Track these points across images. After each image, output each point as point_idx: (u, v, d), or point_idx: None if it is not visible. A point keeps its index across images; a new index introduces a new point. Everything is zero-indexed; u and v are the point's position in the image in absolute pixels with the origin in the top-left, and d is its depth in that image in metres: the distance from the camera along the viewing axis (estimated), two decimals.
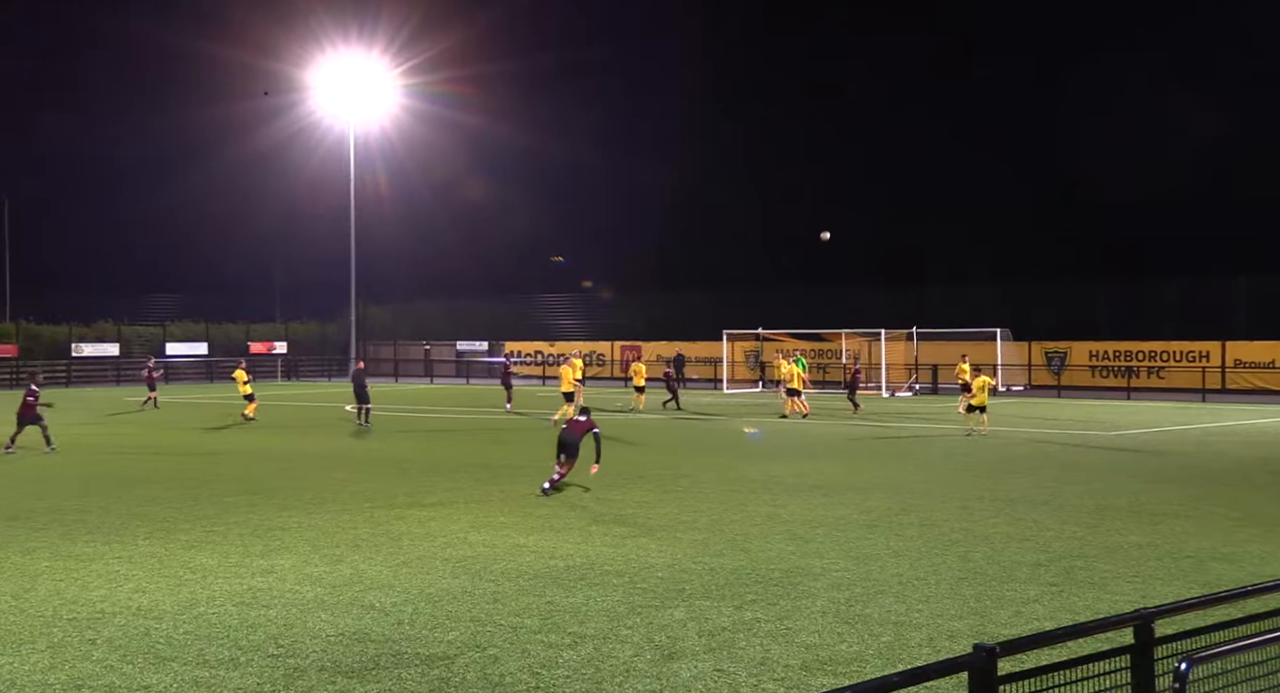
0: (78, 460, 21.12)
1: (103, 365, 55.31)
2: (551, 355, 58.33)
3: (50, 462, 20.91)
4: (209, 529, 13.19)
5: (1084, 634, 4.86)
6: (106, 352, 55.99)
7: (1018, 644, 4.49)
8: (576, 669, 7.83)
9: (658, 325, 56.49)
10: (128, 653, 8.20)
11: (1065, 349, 46.04)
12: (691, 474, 18.37)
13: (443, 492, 16.39)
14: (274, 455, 21.78)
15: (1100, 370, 45.16)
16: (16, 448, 22.21)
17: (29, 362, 53.08)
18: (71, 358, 54.51)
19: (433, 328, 63.90)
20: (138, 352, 56.64)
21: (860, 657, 8.12)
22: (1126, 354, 44.70)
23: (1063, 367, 45.65)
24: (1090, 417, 31.68)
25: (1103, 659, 4.72)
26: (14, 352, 53.22)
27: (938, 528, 13.20)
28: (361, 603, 9.63)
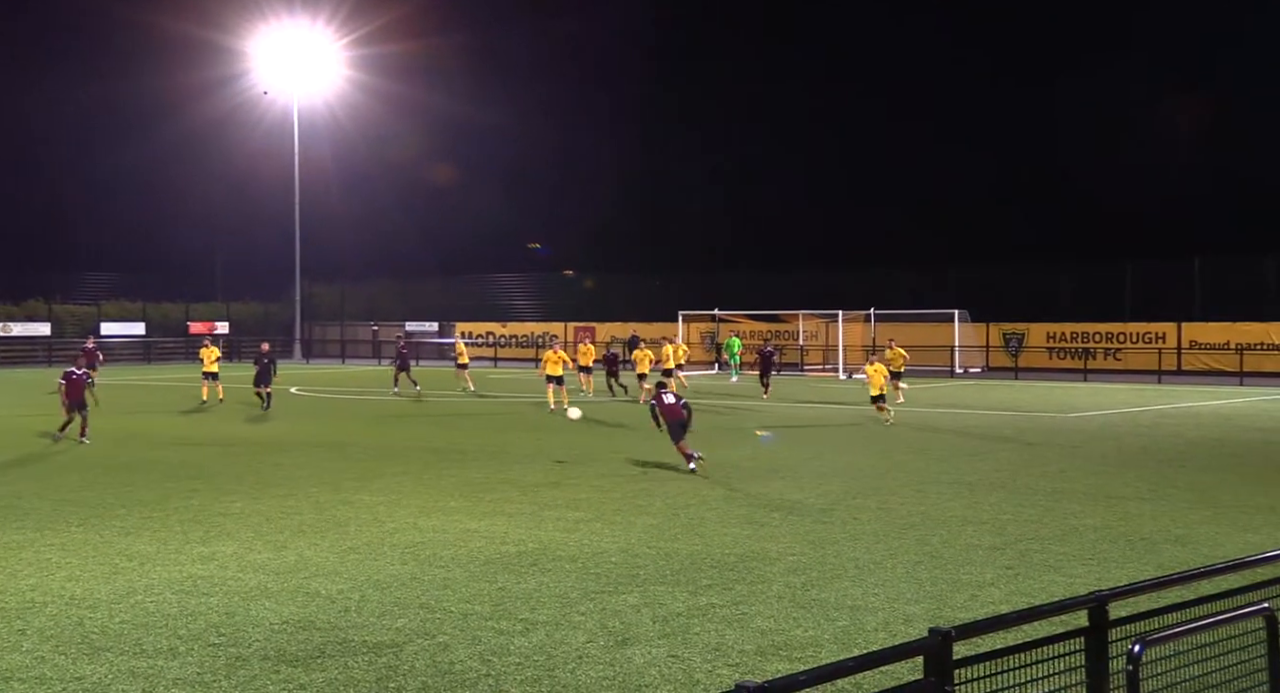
0: (6, 445, 20.71)
1: (33, 346, 54.22)
2: (504, 337, 58.10)
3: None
4: (146, 516, 13.00)
5: (1039, 617, 4.93)
6: (38, 332, 54.87)
7: (973, 628, 4.54)
8: (528, 656, 7.82)
9: (612, 306, 56.44)
10: (60, 643, 8.07)
11: (1023, 331, 46.64)
12: (644, 459, 18.39)
13: (390, 477, 16.28)
14: (214, 440, 21.51)
15: (1058, 352, 45.82)
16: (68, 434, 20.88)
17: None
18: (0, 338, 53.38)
19: (382, 309, 63.34)
20: (70, 332, 55.54)
21: (816, 641, 8.19)
22: (1084, 336, 45.38)
23: (1020, 348, 46.26)
24: (1047, 399, 32.16)
25: (1058, 642, 4.79)
26: None
27: (895, 512, 13.34)
28: (306, 590, 9.55)
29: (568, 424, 21.96)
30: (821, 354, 47.93)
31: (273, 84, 58.48)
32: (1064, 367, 44.51)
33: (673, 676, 7.46)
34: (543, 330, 57.65)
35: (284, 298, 63.44)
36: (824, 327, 47.74)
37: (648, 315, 53.01)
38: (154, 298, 61.16)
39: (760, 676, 7.43)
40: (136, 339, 58.23)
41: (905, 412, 27.86)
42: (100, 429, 23.43)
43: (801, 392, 33.42)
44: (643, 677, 7.43)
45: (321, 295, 64.95)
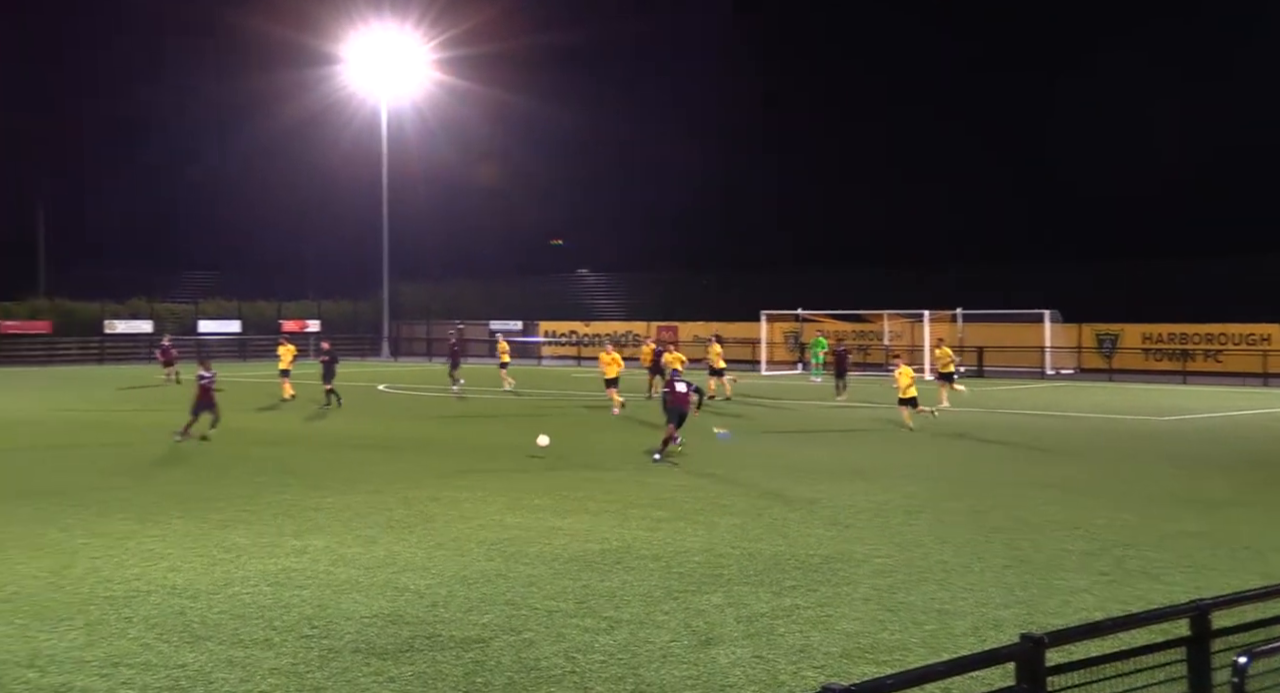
0: (110, 438, 21.46)
1: (136, 343, 56.03)
2: (587, 336, 58.41)
3: (83, 440, 21.25)
4: (242, 509, 13.36)
5: (1137, 625, 4.82)
6: (139, 329, 56.71)
7: (1067, 635, 4.46)
8: (613, 654, 7.87)
9: (695, 305, 56.39)
10: (163, 631, 8.34)
11: (1117, 332, 45.45)
12: (728, 459, 18.35)
13: (475, 473, 16.49)
14: (305, 436, 22.01)
15: (1154, 354, 44.55)
16: (191, 436, 20.68)
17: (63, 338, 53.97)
18: (104, 335, 55.27)
19: (466, 307, 64.15)
20: (171, 329, 57.36)
21: (903, 645, 8.10)
22: (1182, 337, 44.05)
23: (1114, 350, 45.09)
24: (1143, 402, 31.30)
25: (1157, 652, 4.68)
26: (48, 328, 54.07)
27: (983, 515, 13.11)
28: (395, 585, 9.73)
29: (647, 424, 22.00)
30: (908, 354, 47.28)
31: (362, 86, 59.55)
32: (1161, 369, 43.23)
33: (757, 677, 7.44)
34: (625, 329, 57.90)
35: (372, 296, 64.63)
36: (909, 326, 47.09)
37: (731, 315, 52.88)
38: (248, 296, 62.81)
39: (846, 678, 7.36)
40: (232, 336, 59.85)
41: (992, 413, 27.36)
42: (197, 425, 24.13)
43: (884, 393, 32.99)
44: (727, 677, 7.43)
45: (408, 294, 66.02)
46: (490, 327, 61.88)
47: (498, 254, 68.16)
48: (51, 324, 54.31)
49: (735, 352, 50.25)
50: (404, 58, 58.39)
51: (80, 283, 58.40)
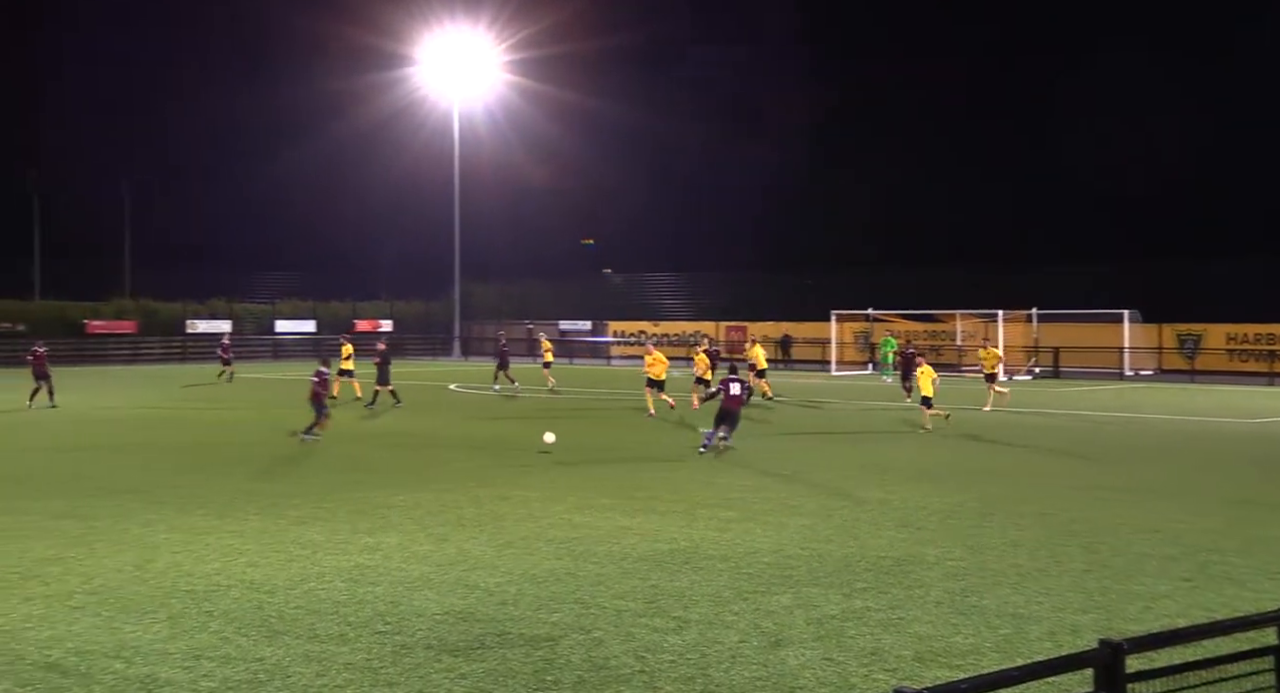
0: (189, 436, 21.99)
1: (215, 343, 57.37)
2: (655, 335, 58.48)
3: (163, 437, 21.80)
4: (317, 506, 13.60)
5: (1222, 633, 4.69)
6: (219, 328, 58.03)
7: (1148, 641, 4.36)
8: (682, 654, 7.86)
9: (765, 305, 56.16)
10: (242, 625, 8.53)
11: (1200, 332, 44.29)
12: (797, 459, 18.24)
13: (544, 472, 16.60)
14: (376, 434, 22.34)
15: (1239, 354, 43.31)
16: (319, 435, 20.44)
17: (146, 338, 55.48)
18: (186, 335, 56.67)
19: (536, 307, 64.60)
20: (249, 329, 58.66)
21: (977, 649, 7.98)
22: (1269, 337, 42.76)
23: (1197, 350, 43.94)
24: (1227, 403, 30.45)
25: (1243, 660, 4.55)
26: (133, 328, 55.61)
27: (1057, 518, 12.87)
28: (466, 582, 9.83)
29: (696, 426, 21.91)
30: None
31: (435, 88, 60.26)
32: (1246, 370, 42.02)
33: (828, 679, 7.39)
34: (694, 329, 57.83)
35: (444, 297, 65.37)
36: (983, 327, 46.35)
37: (801, 315, 52.56)
38: (323, 296, 63.96)
39: (919, 682, 7.28)
40: (307, 336, 61.00)
41: (1068, 414, 26.83)
42: (269, 421, 24.63)
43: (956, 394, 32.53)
44: (797, 679, 7.38)
45: (479, 294, 66.66)
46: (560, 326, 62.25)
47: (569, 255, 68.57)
48: (136, 324, 55.84)
49: (806, 352, 50.03)
50: (476, 60, 58.94)
51: (163, 283, 59.99)
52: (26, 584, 9.71)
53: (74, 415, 26.38)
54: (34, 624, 8.53)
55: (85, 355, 51.97)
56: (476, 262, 65.27)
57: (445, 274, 63.68)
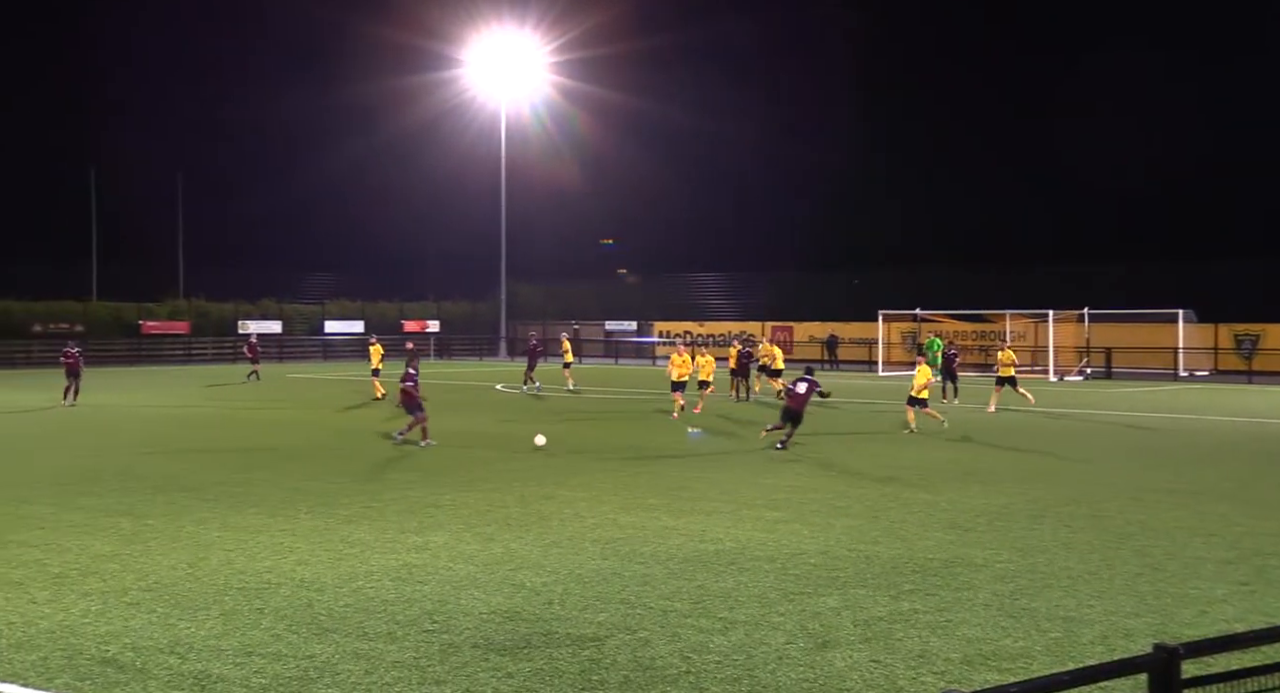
0: (240, 435, 22.31)
1: (266, 342, 58.13)
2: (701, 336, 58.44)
3: (216, 435, 22.13)
4: (366, 505, 13.75)
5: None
6: (270, 329, 58.83)
7: (1204, 646, 4.29)
8: (728, 655, 7.85)
9: (811, 305, 55.90)
10: (293, 623, 8.64)
11: (1258, 332, 43.43)
12: (843, 460, 18.15)
13: (590, 473, 16.65)
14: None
15: None
16: (416, 441, 19.85)
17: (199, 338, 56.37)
18: (238, 335, 57.48)
19: (582, 308, 64.77)
20: (299, 330, 59.38)
21: (1027, 653, 7.90)
22: None
23: (1254, 351, 43.09)
24: None
25: None
26: (186, 329, 56.53)
27: (1110, 520, 12.69)
28: (512, 582, 9.89)
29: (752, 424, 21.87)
30: (1030, 355, 46.05)
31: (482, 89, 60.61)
32: None
33: (875, 681, 7.34)
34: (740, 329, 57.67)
35: (490, 297, 65.75)
36: (1033, 327, 45.81)
37: (847, 315, 52.26)
38: (371, 297, 64.56)
39: (968, 686, 7.22)
40: (356, 336, 61.64)
41: (1121, 415, 26.44)
42: (318, 421, 24.93)
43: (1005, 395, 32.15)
44: (844, 681, 7.35)
45: (525, 295, 66.95)
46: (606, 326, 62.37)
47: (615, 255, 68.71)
48: (189, 324, 56.75)
49: (852, 352, 49.74)
50: (523, 61, 59.19)
51: (215, 284, 60.89)
52: (85, 580, 9.92)
53: (128, 415, 26.87)
54: (92, 619, 8.70)
55: (140, 356, 52.94)
56: (522, 262, 65.62)
57: (491, 275, 64.06)
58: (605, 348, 59.62)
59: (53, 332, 50.78)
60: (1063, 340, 43.46)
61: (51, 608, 9.00)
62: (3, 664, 7.67)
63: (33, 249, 60.77)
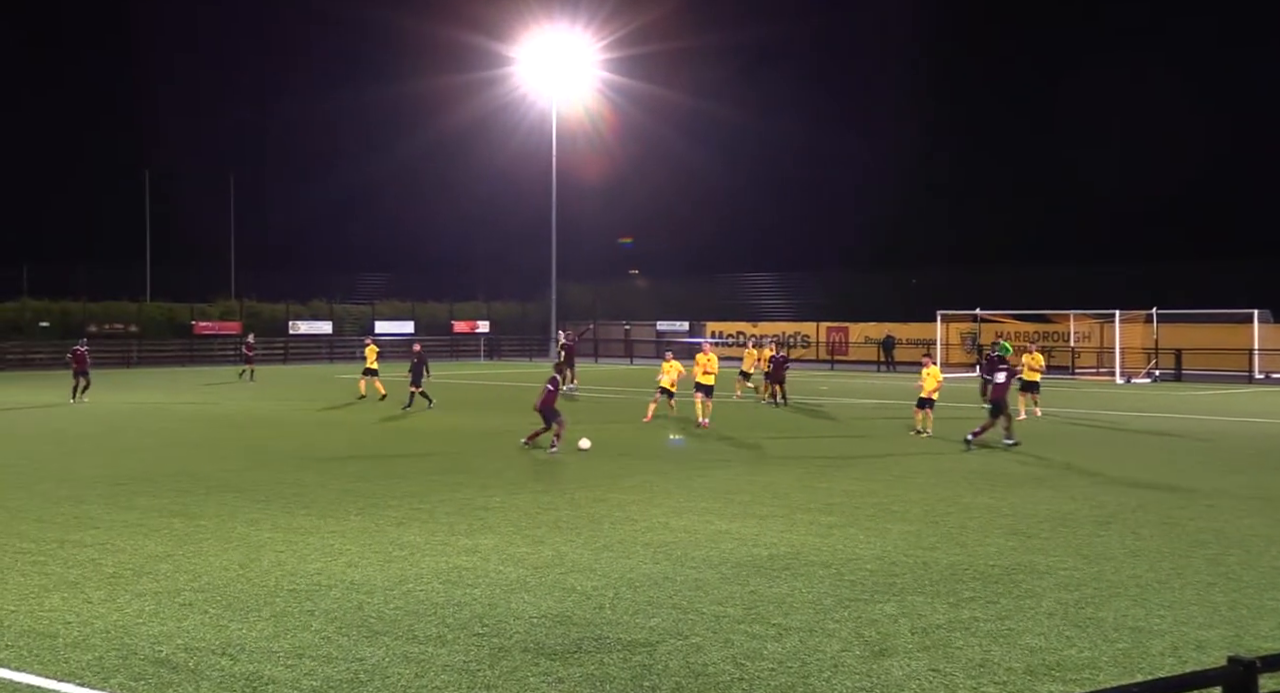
0: (289, 435, 22.61)
1: (317, 343, 58.89)
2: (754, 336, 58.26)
3: (267, 435, 22.44)
4: (415, 507, 13.86)
5: None
6: (320, 330, 59.59)
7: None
8: (782, 662, 7.81)
9: (866, 305, 55.49)
10: (343, 625, 8.72)
11: None
12: (901, 462, 17.98)
13: (642, 475, 16.65)
14: (474, 434, 22.65)
15: None
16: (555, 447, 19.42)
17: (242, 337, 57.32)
18: (289, 336, 58.29)
19: (633, 307, 64.83)
20: (350, 330, 60.08)
21: (1093, 663, 7.76)
22: None
23: None
24: None
25: None
26: (238, 329, 57.42)
27: (1182, 527, 12.44)
28: (563, 586, 9.91)
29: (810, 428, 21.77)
30: (1096, 357, 45.33)
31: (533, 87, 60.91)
32: None
33: (933, 691, 7.25)
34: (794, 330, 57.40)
35: (540, 297, 66.02)
36: (1098, 327, 45.08)
37: (905, 315, 51.79)
38: (420, 297, 65.12)
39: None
40: (406, 337, 62.21)
41: (1191, 419, 25.91)
42: (367, 422, 25.18)
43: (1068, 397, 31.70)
44: (901, 690, 7.27)
45: (575, 294, 67.14)
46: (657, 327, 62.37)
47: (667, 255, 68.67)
48: (241, 325, 57.63)
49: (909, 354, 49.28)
50: (574, 58, 59.35)
51: (266, 284, 61.77)
52: (139, 581, 10.09)
53: (178, 415, 27.35)
54: (145, 620, 8.85)
55: (193, 356, 53.90)
56: (572, 262, 65.80)
57: (541, 275, 64.32)
58: (657, 348, 59.62)
59: (108, 332, 51.88)
60: (1130, 341, 42.71)
61: (106, 608, 9.17)
62: (60, 663, 7.83)
63: (89, 251, 62.10)
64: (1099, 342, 45.31)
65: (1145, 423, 25.07)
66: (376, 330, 61.53)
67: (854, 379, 42.61)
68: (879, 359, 49.36)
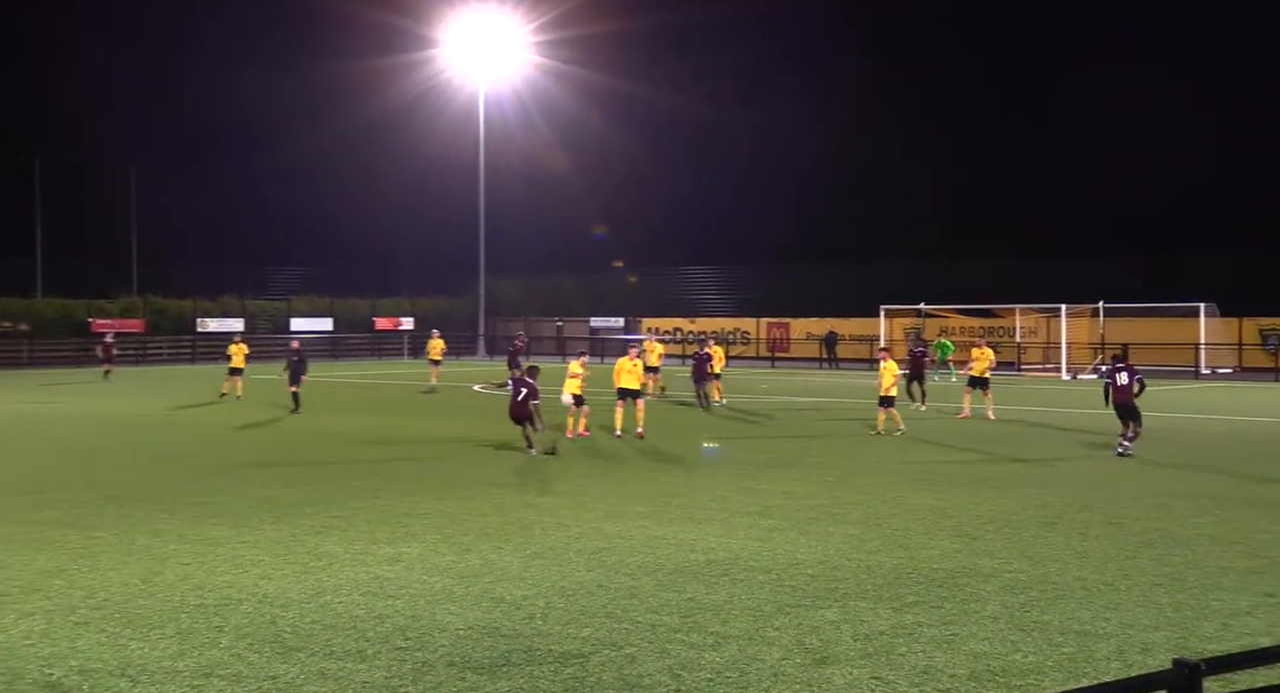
0: (198, 440, 22.21)
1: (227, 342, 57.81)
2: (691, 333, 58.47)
3: (173, 441, 22.02)
4: (334, 514, 13.68)
5: None
6: (231, 327, 58.57)
7: (1227, 662, 4.28)
8: (720, 672, 7.83)
9: (807, 300, 55.97)
10: (255, 641, 8.58)
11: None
12: (843, 463, 18.16)
13: (573, 479, 16.62)
14: (397, 438, 22.45)
15: None
16: None
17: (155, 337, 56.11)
18: (197, 334, 57.22)
19: (566, 303, 64.71)
20: (264, 327, 59.14)
21: (1038, 668, 7.89)
22: None
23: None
24: None
25: None
26: (141, 327, 56.23)
27: (1127, 527, 12.71)
28: (491, 595, 9.85)
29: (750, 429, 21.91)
30: (1042, 352, 46.20)
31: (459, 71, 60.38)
32: None
33: None
34: (734, 326, 57.73)
35: (468, 292, 65.59)
36: (1044, 322, 45.95)
37: (847, 310, 52.33)
38: (341, 293, 64.30)
39: None
40: (324, 335, 61.40)
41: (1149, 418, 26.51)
42: (288, 427, 24.83)
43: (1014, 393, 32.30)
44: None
45: (505, 290, 66.82)
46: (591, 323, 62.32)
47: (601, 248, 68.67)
48: (144, 323, 56.45)
49: (853, 350, 49.80)
50: (503, 41, 58.93)
51: (170, 281, 60.54)
52: (28, 598, 9.83)
53: (77, 418, 26.73)
54: (35, 640, 8.62)
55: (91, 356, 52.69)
56: (503, 256, 65.46)
57: (470, 269, 63.92)
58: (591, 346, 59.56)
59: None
60: (1076, 336, 43.59)
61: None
62: None
63: None
64: (1045, 337, 46.19)
65: (1090, 421, 25.60)
66: (292, 327, 60.73)
67: (796, 376, 42.99)
68: (821, 356, 49.81)
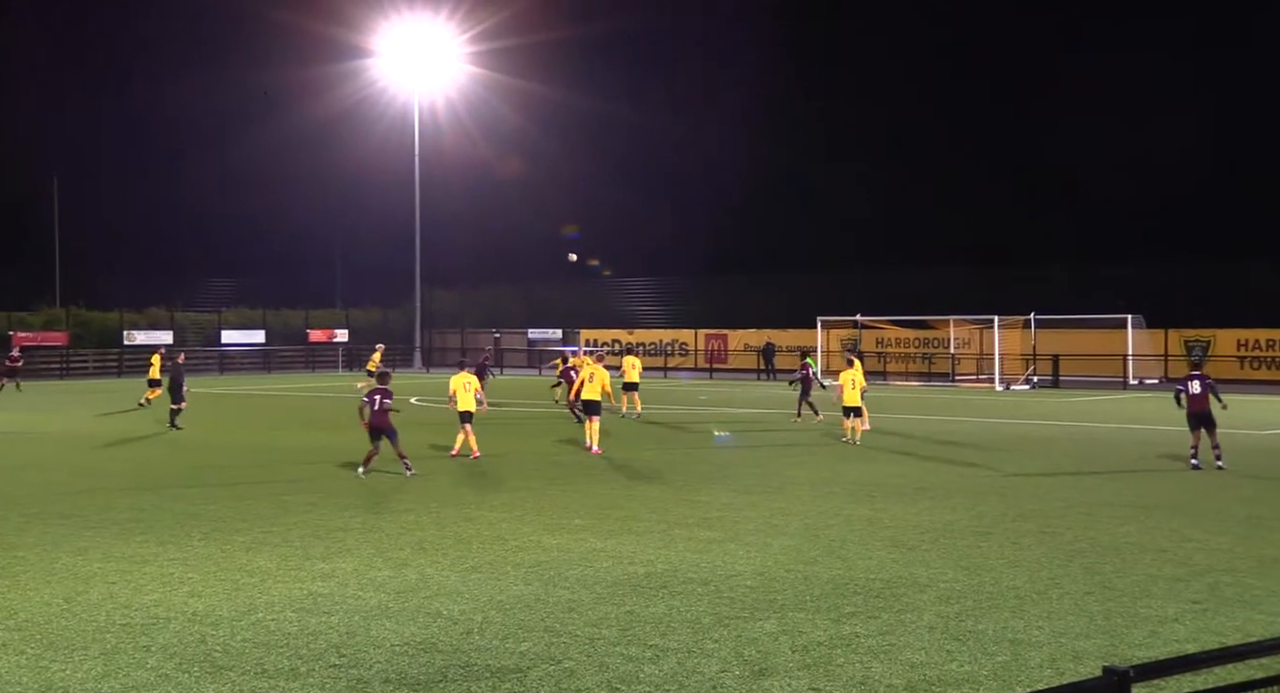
0: (125, 455, 21.79)
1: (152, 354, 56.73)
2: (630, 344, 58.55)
3: (97, 457, 21.59)
4: (267, 530, 13.50)
5: (1234, 659, 4.72)
6: (160, 340, 57.51)
7: (1155, 668, 4.37)
8: (659, 685, 7.84)
9: (746, 312, 56.31)
10: (183, 661, 8.43)
11: (1209, 338, 44.73)
12: (781, 475, 18.28)
13: (512, 492, 16.55)
14: (331, 452, 22.20)
15: (1251, 361, 43.77)
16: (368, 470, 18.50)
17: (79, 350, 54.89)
18: (123, 346, 56.10)
19: (503, 315, 64.47)
20: (193, 340, 58.14)
21: (972, 677, 8.00)
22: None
23: (1205, 357, 44.32)
24: (1239, 414, 30.63)
25: (1257, 689, 4.57)
26: (64, 340, 55.01)
27: (1060, 537, 12.94)
28: (428, 611, 9.77)
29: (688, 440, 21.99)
30: (975, 363, 46.90)
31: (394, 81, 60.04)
32: (1259, 378, 42.48)
33: None
34: (671, 337, 57.94)
35: (403, 304, 65.10)
36: (978, 333, 46.66)
37: (785, 321, 52.72)
38: (274, 304, 63.46)
39: None
40: (257, 347, 60.53)
41: (1070, 426, 27.01)
42: (219, 442, 24.44)
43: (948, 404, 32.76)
44: None
45: (441, 300, 66.42)
46: (529, 335, 62.12)
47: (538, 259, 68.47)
48: (68, 336, 55.23)
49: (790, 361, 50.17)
50: (437, 51, 58.74)
51: (96, 293, 59.29)
52: None
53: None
54: None
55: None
56: (439, 266, 65.07)
57: (405, 280, 63.46)
58: (529, 358, 59.44)
59: None
60: (1009, 347, 44.31)
61: None
62: None
63: None
64: (979, 348, 46.88)
65: (1024, 431, 26.03)
66: (223, 340, 59.85)
67: (734, 388, 43.20)
68: (759, 367, 50.12)
